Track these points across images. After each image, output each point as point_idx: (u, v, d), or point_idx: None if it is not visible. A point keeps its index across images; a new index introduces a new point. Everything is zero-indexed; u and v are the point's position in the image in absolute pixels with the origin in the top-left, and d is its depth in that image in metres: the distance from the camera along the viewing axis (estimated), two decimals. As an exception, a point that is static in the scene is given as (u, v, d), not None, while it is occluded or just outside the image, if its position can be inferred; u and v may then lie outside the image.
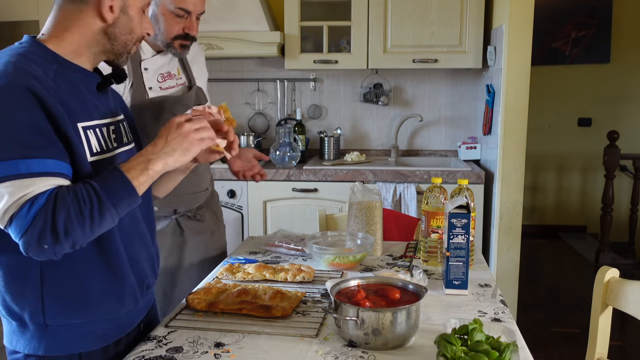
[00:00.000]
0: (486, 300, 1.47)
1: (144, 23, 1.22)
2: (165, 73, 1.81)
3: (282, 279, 1.58)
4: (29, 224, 0.98)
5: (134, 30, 1.19)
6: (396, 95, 3.67)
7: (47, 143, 1.02)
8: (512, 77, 2.88)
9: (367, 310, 1.17)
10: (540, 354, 3.02)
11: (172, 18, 1.68)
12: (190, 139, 1.14)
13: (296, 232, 2.26)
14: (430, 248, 1.75)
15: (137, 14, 1.19)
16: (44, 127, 1.02)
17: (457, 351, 1.03)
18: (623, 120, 5.29)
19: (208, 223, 1.97)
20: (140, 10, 1.20)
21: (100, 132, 1.16)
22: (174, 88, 1.83)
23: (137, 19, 1.19)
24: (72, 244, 1.03)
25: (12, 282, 1.12)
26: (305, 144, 3.58)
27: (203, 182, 1.95)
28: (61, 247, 1.02)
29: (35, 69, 1.05)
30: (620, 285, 1.46)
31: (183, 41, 1.72)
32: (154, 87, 1.77)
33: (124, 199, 1.07)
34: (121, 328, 1.24)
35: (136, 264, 1.24)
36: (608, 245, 4.54)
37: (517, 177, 2.96)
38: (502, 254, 3.01)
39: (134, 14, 1.18)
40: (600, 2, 5.20)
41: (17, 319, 1.14)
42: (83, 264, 1.13)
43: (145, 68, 1.75)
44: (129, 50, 1.22)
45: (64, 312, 1.13)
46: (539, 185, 5.57)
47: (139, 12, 1.19)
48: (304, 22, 3.31)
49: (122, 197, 1.07)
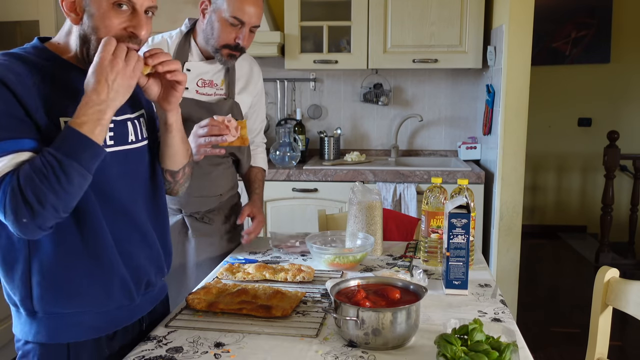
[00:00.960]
0: (486, 300, 1.47)
1: (123, 20, 1.13)
2: (207, 80, 1.85)
3: (282, 279, 1.58)
4: (3, 203, 1.03)
5: (98, 28, 1.12)
6: (396, 95, 3.67)
7: (18, 124, 1.06)
8: (512, 77, 2.88)
9: (367, 310, 1.17)
10: (540, 354, 3.02)
11: (226, 26, 1.72)
12: (128, 74, 1.10)
13: (295, 231, 2.26)
14: (430, 248, 1.75)
15: (102, 11, 1.11)
16: (16, 112, 1.06)
17: (457, 351, 1.03)
18: (623, 120, 5.30)
19: (217, 226, 1.95)
20: (109, 3, 1.11)
21: None
22: (211, 96, 1.86)
23: (103, 16, 1.12)
24: (54, 210, 1.05)
25: (5, 267, 1.16)
26: (305, 144, 3.58)
27: (216, 187, 1.93)
28: (42, 217, 1.04)
29: (18, 66, 1.10)
30: (620, 285, 1.46)
31: (232, 51, 1.76)
32: (191, 89, 1.82)
33: (83, 152, 1.06)
34: (114, 322, 1.25)
35: (130, 260, 1.24)
36: (608, 245, 4.54)
37: (517, 177, 2.96)
38: (502, 254, 3.01)
39: (99, 11, 1.11)
40: (600, 2, 5.20)
41: (13, 304, 1.20)
42: (66, 253, 1.15)
43: (187, 69, 1.80)
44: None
45: (51, 299, 1.15)
46: (539, 185, 5.57)
47: (107, 6, 1.11)
48: (304, 22, 3.31)
49: (80, 151, 1.06)
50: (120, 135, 1.24)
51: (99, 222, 1.17)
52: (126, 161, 1.24)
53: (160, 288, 1.41)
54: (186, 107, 1.78)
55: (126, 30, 1.14)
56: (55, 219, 1.07)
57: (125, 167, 1.24)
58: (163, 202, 1.40)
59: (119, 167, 1.22)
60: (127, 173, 1.24)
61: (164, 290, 1.44)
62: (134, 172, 1.27)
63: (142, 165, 1.31)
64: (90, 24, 1.13)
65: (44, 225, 1.06)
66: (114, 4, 1.11)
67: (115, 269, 1.20)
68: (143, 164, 1.31)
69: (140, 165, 1.30)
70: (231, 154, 1.94)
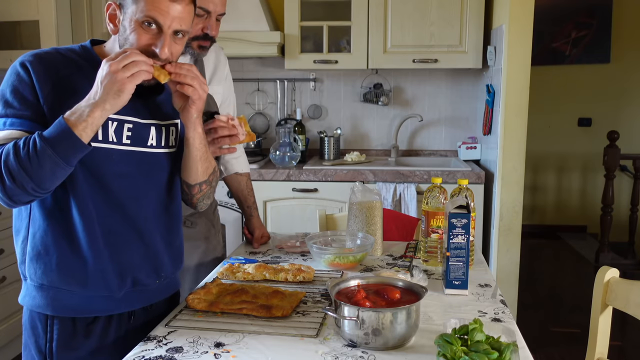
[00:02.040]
0: (486, 300, 1.47)
1: (148, 38, 1.20)
2: None
3: (282, 279, 1.58)
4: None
5: (132, 44, 1.20)
6: (396, 95, 3.67)
7: (26, 107, 1.18)
8: (512, 77, 2.88)
9: (367, 310, 1.17)
10: (540, 354, 3.02)
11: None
12: (119, 79, 1.12)
13: (297, 231, 2.26)
14: (430, 248, 1.75)
15: (133, 27, 1.19)
16: (28, 95, 1.18)
17: (457, 351, 1.03)
18: (623, 120, 5.30)
19: (200, 229, 1.93)
20: (138, 22, 1.19)
21: (107, 123, 1.24)
22: None
23: (133, 32, 1.20)
24: (22, 187, 1.13)
25: (15, 233, 1.30)
26: (305, 144, 3.58)
27: None
28: (11, 191, 1.13)
29: (55, 58, 1.23)
30: (620, 285, 1.46)
31: (202, 42, 1.72)
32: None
33: (61, 142, 1.12)
34: (92, 307, 1.29)
35: (116, 254, 1.28)
36: (608, 245, 4.54)
37: (517, 177, 2.96)
38: (502, 254, 3.01)
39: (130, 27, 1.20)
40: (600, 2, 5.20)
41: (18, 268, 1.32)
42: (52, 231, 1.24)
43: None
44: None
45: (34, 269, 1.26)
46: (539, 185, 5.57)
47: (136, 24, 1.19)
48: (304, 22, 3.31)
49: (58, 140, 1.11)
50: (138, 137, 1.29)
51: (89, 212, 1.23)
52: (140, 162, 1.30)
53: (156, 289, 1.40)
54: None
55: (149, 47, 1.20)
56: (26, 195, 1.15)
57: (135, 168, 1.29)
58: (176, 209, 1.42)
59: (127, 165, 1.28)
60: (135, 173, 1.30)
61: (164, 292, 1.44)
62: (146, 174, 1.32)
63: (160, 170, 1.35)
64: (124, 35, 1.22)
65: (15, 198, 1.15)
66: (142, 22, 1.19)
67: (95, 258, 1.25)
68: (161, 169, 1.36)
69: (156, 169, 1.34)
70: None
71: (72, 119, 1.13)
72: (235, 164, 2.03)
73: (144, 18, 1.18)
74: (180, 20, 1.20)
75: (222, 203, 3.12)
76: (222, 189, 3.13)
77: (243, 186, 2.06)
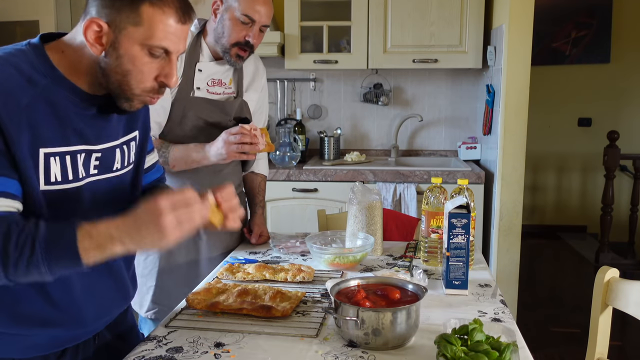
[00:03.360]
0: (486, 300, 1.47)
1: (155, 68, 1.05)
2: (217, 80, 1.89)
3: (282, 279, 1.58)
4: None
5: (129, 72, 1.03)
6: (396, 95, 3.67)
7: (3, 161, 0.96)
8: (512, 77, 2.88)
9: (367, 310, 1.17)
10: (540, 354, 3.02)
11: (237, 24, 1.77)
12: (166, 232, 0.95)
13: (297, 232, 2.26)
14: (430, 248, 1.75)
15: (133, 53, 1.02)
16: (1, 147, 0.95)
17: (457, 351, 1.03)
18: (623, 120, 5.30)
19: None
20: (144, 49, 1.02)
21: (72, 159, 1.07)
22: (220, 95, 1.90)
23: (133, 59, 1.02)
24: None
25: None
26: (305, 144, 3.58)
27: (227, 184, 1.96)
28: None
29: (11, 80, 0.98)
30: (620, 285, 1.46)
31: (240, 50, 1.80)
32: (202, 88, 1.86)
33: (61, 260, 0.95)
34: (65, 342, 1.18)
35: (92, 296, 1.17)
36: (608, 245, 4.54)
37: (517, 177, 2.96)
38: (502, 254, 3.01)
39: (128, 53, 1.02)
40: (600, 2, 5.20)
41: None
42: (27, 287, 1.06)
43: (199, 69, 1.84)
44: (129, 97, 1.07)
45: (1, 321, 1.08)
46: (539, 185, 5.57)
47: (140, 52, 1.03)
48: (304, 22, 3.31)
49: (60, 258, 0.95)
50: (105, 164, 1.15)
51: None
52: (106, 190, 1.16)
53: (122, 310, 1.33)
54: (198, 106, 1.84)
55: (157, 80, 1.07)
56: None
57: (102, 196, 1.15)
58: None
59: (96, 195, 1.14)
60: (102, 201, 1.15)
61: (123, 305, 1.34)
62: (111, 200, 1.18)
63: (122, 191, 1.22)
64: (117, 63, 1.03)
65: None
66: (149, 51, 1.03)
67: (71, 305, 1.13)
68: (123, 189, 1.23)
69: (119, 191, 1.21)
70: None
71: (86, 243, 0.94)
72: (254, 164, 2.12)
73: (154, 45, 1.03)
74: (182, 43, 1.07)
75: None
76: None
77: (256, 184, 2.13)
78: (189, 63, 1.83)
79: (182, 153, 1.79)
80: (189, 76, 1.82)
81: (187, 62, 1.82)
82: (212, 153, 1.76)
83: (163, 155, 1.77)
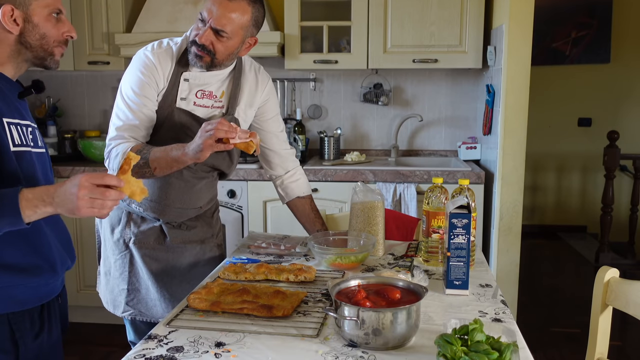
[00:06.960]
0: (487, 300, 1.47)
1: (59, 27, 1.34)
2: (207, 92, 1.80)
3: (283, 278, 1.58)
4: None
5: (46, 35, 1.32)
6: (396, 95, 3.67)
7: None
8: (512, 77, 2.89)
9: (368, 310, 1.17)
10: (541, 354, 3.02)
11: (196, 22, 1.68)
12: (79, 205, 1.15)
13: (297, 232, 2.26)
14: (431, 248, 1.75)
15: (43, 20, 1.30)
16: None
17: (457, 351, 1.03)
18: (623, 120, 5.30)
19: (197, 232, 1.94)
20: (48, 15, 1.31)
21: (21, 129, 1.31)
22: (208, 109, 1.81)
23: (45, 24, 1.31)
24: None
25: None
26: (305, 144, 3.58)
27: (198, 200, 1.90)
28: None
29: None
30: (620, 285, 1.46)
31: (198, 49, 1.67)
32: (188, 99, 1.77)
33: (4, 217, 1.15)
34: (41, 295, 1.36)
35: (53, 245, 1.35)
36: (608, 245, 4.54)
37: (517, 177, 2.96)
38: (502, 254, 3.01)
39: (40, 21, 1.30)
40: (600, 2, 5.20)
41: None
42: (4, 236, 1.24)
43: (185, 79, 1.75)
44: (51, 53, 1.35)
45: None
46: (539, 185, 5.57)
47: (47, 18, 1.31)
48: (304, 22, 3.31)
49: (3, 214, 1.15)
50: (35, 140, 1.36)
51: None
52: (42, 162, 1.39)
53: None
54: (178, 116, 1.76)
55: (63, 35, 1.34)
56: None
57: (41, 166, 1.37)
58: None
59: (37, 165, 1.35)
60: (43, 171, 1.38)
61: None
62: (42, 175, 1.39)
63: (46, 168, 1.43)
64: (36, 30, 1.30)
65: None
66: (50, 13, 1.31)
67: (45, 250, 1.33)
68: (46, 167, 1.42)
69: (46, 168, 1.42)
70: (216, 168, 1.90)
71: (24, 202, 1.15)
72: (295, 188, 2.02)
73: (53, 8, 1.32)
74: None
75: (222, 203, 3.12)
76: (222, 189, 3.14)
77: (308, 210, 2.03)
78: (177, 71, 1.74)
79: (162, 152, 1.63)
80: (173, 86, 1.74)
81: (175, 70, 1.74)
82: (190, 147, 1.57)
83: (144, 156, 1.62)
